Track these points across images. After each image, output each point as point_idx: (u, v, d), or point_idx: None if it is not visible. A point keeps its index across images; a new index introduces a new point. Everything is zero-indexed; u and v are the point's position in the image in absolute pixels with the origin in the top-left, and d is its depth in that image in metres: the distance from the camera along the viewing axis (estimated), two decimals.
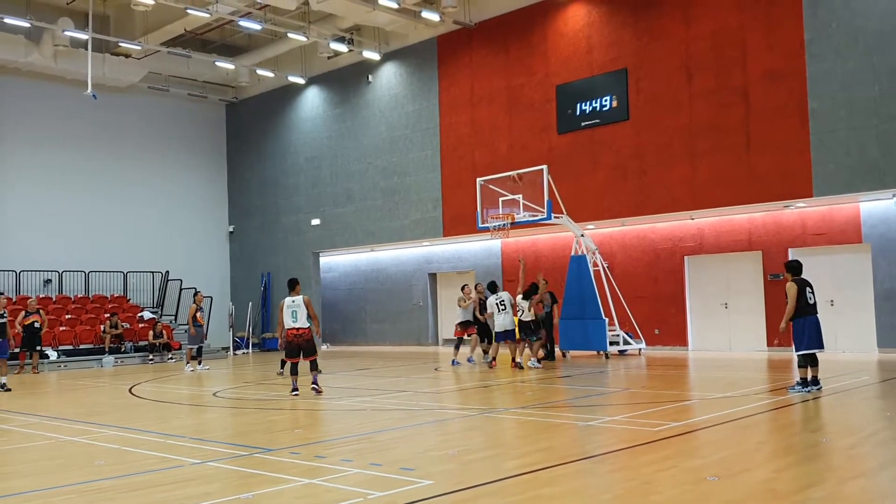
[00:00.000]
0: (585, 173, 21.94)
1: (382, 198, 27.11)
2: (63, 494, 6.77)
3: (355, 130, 28.14)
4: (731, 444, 8.16)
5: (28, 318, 20.93)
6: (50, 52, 25.58)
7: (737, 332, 20.60)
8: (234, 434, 10.37)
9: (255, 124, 31.64)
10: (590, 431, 9.32)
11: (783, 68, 18.69)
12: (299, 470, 7.37)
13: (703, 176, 19.90)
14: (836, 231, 19.19)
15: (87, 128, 28.50)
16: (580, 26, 22.27)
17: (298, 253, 29.96)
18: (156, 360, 24.56)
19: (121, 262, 28.73)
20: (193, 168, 31.67)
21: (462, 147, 24.87)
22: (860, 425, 9.30)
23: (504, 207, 19.93)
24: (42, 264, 26.94)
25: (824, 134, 18.07)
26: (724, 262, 20.94)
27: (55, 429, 10.74)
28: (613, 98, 21.55)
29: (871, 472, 6.81)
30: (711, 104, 19.82)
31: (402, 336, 28.50)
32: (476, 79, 24.59)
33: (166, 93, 30.21)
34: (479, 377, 16.27)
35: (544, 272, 20.71)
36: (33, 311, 21.12)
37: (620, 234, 22.73)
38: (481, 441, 9.00)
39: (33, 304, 21.64)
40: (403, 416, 11.00)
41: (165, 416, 12.30)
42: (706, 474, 6.65)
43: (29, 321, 20.87)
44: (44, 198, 27.38)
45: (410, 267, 28.50)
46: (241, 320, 30.16)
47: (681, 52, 20.39)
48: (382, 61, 27.09)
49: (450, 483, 6.62)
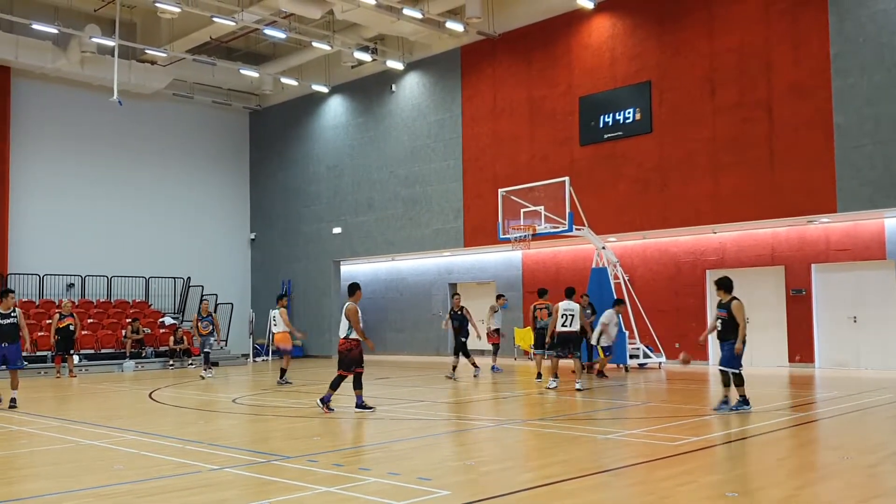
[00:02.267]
0: (607, 186, 21.87)
1: (403, 207, 27.17)
2: (81, 498, 6.82)
3: (377, 139, 28.24)
4: (751, 461, 8.08)
5: (63, 321, 21.16)
6: (77, 58, 25.89)
7: (758, 348, 20.39)
8: (252, 441, 10.40)
9: (279, 132, 31.84)
10: (608, 445, 9.26)
11: (808, 83, 18.55)
12: (317, 478, 7.37)
13: (726, 190, 19.78)
14: (861, 247, 18.99)
15: (112, 134, 28.80)
16: (604, 38, 22.25)
17: (319, 261, 30.06)
18: (176, 365, 24.71)
19: (143, 268, 28.96)
20: (216, 175, 31.90)
21: (484, 158, 24.88)
22: (882, 444, 9.18)
23: (525, 219, 19.91)
24: (65, 268, 27.21)
25: (849, 149, 17.91)
26: (747, 277, 20.76)
27: (75, 432, 10.82)
28: (636, 111, 21.49)
29: (892, 492, 6.72)
30: (735, 118, 19.71)
31: (421, 346, 28.50)
32: (499, 89, 24.61)
33: (191, 100, 30.49)
34: (497, 388, 16.21)
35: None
36: (67, 314, 21.32)
37: (642, 247, 22.62)
38: (498, 452, 8.97)
39: (67, 306, 21.83)
40: (421, 426, 10.99)
41: (184, 421, 12.36)
42: (725, 490, 6.58)
43: (64, 324, 21.10)
44: (68, 202, 27.68)
45: (430, 277, 28.52)
46: (262, 327, 30.24)
47: (705, 65, 20.31)
48: (406, 71, 27.20)
49: (466, 494, 6.60)
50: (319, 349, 29.69)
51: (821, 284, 19.63)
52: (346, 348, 12.30)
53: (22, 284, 26.15)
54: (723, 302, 11.82)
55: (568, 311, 14.98)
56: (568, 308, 15.07)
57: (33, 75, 26.65)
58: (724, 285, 11.98)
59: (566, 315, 15.02)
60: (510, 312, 25.64)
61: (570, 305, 15.11)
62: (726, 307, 11.70)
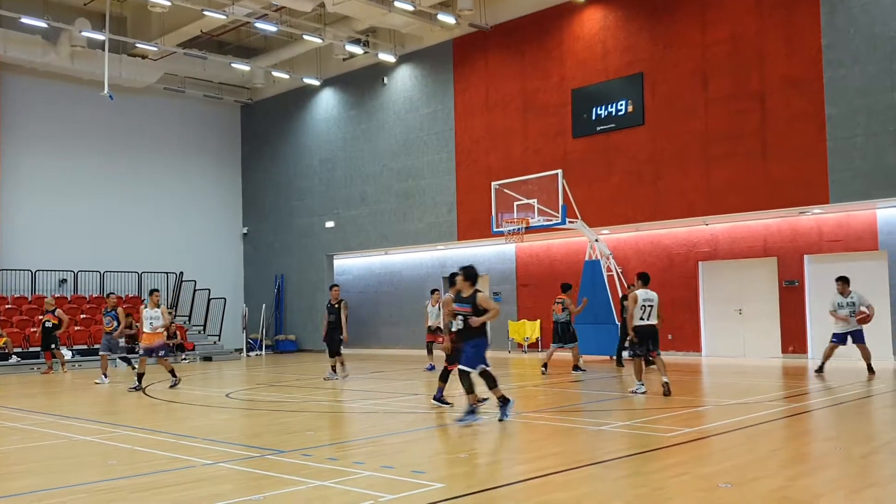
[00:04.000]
0: (600, 178, 21.88)
1: (397, 201, 27.13)
2: (75, 493, 6.80)
3: (370, 133, 28.19)
4: (744, 452, 8.10)
5: (44, 317, 21.05)
6: (67, 52, 25.76)
7: (751, 339, 20.48)
8: (246, 435, 10.39)
9: (270, 126, 31.75)
10: (601, 436, 9.28)
11: (800, 74, 18.58)
12: (311, 472, 7.36)
13: (719, 182, 19.81)
14: (853, 238, 19.05)
15: (103, 128, 28.68)
16: (596, 30, 22.23)
17: (312, 255, 30.03)
18: (169, 360, 24.60)
19: (135, 263, 28.88)
20: (208, 169, 31.81)
21: (477, 150, 24.86)
22: (875, 434, 9.22)
23: (519, 212, 19.91)
24: (57, 264, 27.12)
25: (841, 140, 17.95)
26: (739, 268, 20.82)
27: (68, 428, 10.79)
28: (629, 103, 21.49)
29: (885, 482, 6.74)
30: (727, 110, 19.72)
31: (415, 340, 28.46)
32: (491, 82, 24.58)
33: (182, 94, 30.38)
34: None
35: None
36: (50, 311, 21.22)
37: (634, 239, 22.65)
38: (492, 445, 8.98)
39: (50, 303, 21.74)
40: (415, 419, 10.99)
41: (178, 416, 12.34)
42: (719, 481, 6.60)
43: (43, 320, 20.98)
44: (59, 197, 27.57)
45: (424, 270, 28.50)
46: (255, 322, 30.24)
47: (697, 57, 20.31)
48: (398, 64, 27.14)
49: (461, 486, 6.61)
50: (313, 344, 29.67)
51: (813, 275, 19.69)
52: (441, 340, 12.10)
53: (13, 280, 26.08)
54: (464, 296, 10.10)
55: (647, 302, 12.78)
56: (647, 298, 12.82)
57: (23, 70, 26.50)
58: (469, 276, 10.16)
59: (645, 306, 12.74)
60: (503, 306, 25.67)
61: (649, 294, 12.87)
62: (470, 301, 10.04)
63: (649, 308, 12.76)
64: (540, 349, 24.40)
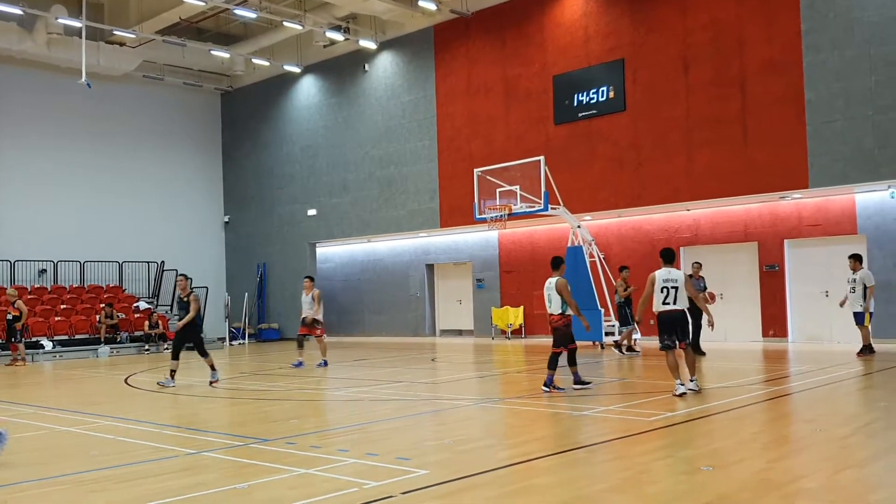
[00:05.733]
0: (582, 164, 21.91)
1: (379, 188, 27.06)
2: (58, 485, 6.76)
3: (351, 120, 28.06)
4: (726, 435, 8.17)
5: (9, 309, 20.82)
6: (43, 39, 25.43)
7: (732, 323, 20.61)
8: (229, 424, 10.37)
9: (251, 113, 31.53)
10: (585, 421, 9.33)
11: (780, 59, 18.66)
12: (295, 460, 7.36)
13: (700, 167, 19.89)
14: (832, 222, 19.20)
15: (82, 116, 28.38)
16: (577, 16, 22.20)
17: (295, 243, 29.92)
18: (151, 350, 24.56)
19: (116, 252, 28.68)
20: (188, 157, 31.57)
21: (459, 137, 24.81)
22: (854, 416, 9.33)
23: (501, 198, 19.91)
24: (37, 254, 26.87)
25: (820, 125, 18.06)
26: (720, 253, 20.94)
27: (50, 419, 10.72)
28: (610, 89, 21.51)
29: (864, 462, 6.83)
30: (708, 95, 19.79)
31: (399, 327, 28.50)
32: (473, 68, 24.52)
33: (161, 81, 30.09)
34: (475, 368, 16.26)
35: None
36: (11, 302, 20.90)
37: (617, 225, 22.73)
38: (477, 431, 9.01)
39: (12, 294, 21.40)
40: (399, 407, 11.01)
41: (160, 406, 12.29)
42: (700, 464, 6.66)
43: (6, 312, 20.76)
44: (38, 187, 27.29)
45: (407, 258, 28.48)
46: (237, 311, 30.13)
47: (678, 42, 20.34)
48: (379, 50, 27.01)
49: (445, 472, 6.63)
50: (295, 332, 29.49)
51: (793, 260, 19.86)
52: (562, 324, 11.61)
53: None
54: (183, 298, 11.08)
55: (669, 283, 10.75)
56: (669, 278, 10.79)
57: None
58: None
59: (667, 288, 10.75)
60: (486, 293, 25.73)
61: (672, 274, 10.84)
62: None
63: (673, 290, 10.70)
64: (524, 335, 24.49)
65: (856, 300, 15.61)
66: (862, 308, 15.49)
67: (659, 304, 10.77)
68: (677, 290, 10.70)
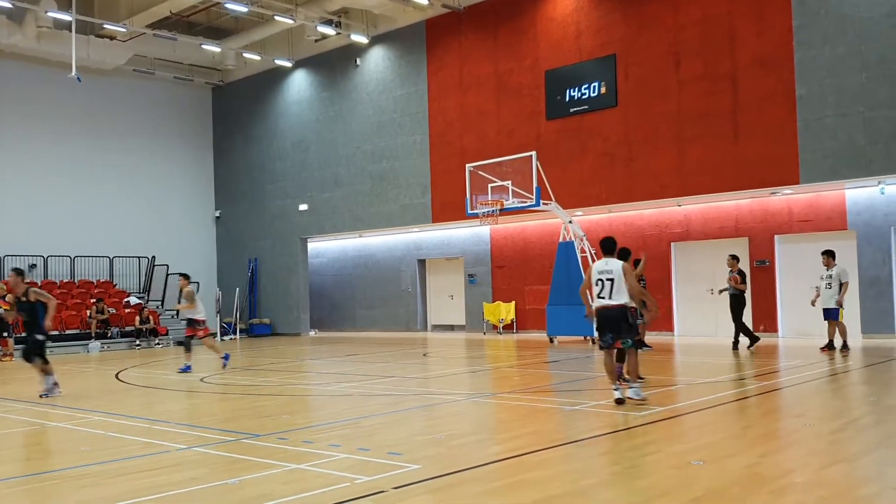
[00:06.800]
0: (573, 160, 21.93)
1: (371, 183, 27.03)
2: (49, 480, 6.75)
3: (343, 114, 28.01)
4: (716, 430, 8.21)
5: None
6: (33, 33, 25.25)
7: (722, 318, 20.66)
8: (220, 420, 10.36)
9: (242, 108, 31.44)
10: (575, 416, 9.35)
11: (771, 55, 18.70)
12: (286, 455, 7.37)
13: (691, 163, 19.94)
14: (822, 218, 19.28)
15: (72, 111, 28.24)
16: (569, 11, 22.20)
17: (286, 238, 29.86)
18: (142, 345, 24.50)
19: (106, 247, 28.57)
20: (179, 152, 31.45)
21: (451, 132, 24.80)
22: (843, 411, 9.38)
23: (493, 194, 19.92)
24: (27, 249, 26.74)
25: (811, 121, 18.12)
26: (711, 249, 21.01)
27: (40, 414, 10.69)
28: (602, 84, 21.53)
29: (853, 457, 6.87)
30: (700, 91, 19.83)
31: (390, 322, 28.50)
32: (465, 63, 24.50)
33: (152, 76, 29.97)
34: (466, 363, 16.28)
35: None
36: (1, 297, 20.79)
37: (608, 220, 22.76)
38: (468, 426, 9.03)
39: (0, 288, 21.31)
40: (391, 402, 11.02)
41: (152, 401, 12.27)
42: (691, 459, 6.69)
43: None
44: (28, 181, 27.14)
45: (399, 253, 28.48)
46: (229, 306, 30.07)
47: (669, 38, 20.37)
48: (370, 45, 26.95)
49: (437, 467, 6.64)
50: (287, 327, 29.60)
51: (784, 255, 19.94)
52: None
53: None
54: None
55: (604, 275, 9.78)
56: (603, 270, 9.84)
57: None
58: None
59: (601, 280, 9.80)
60: (478, 288, 25.76)
61: (608, 265, 9.85)
62: None
63: (608, 283, 9.70)
64: (515, 330, 24.52)
65: (830, 296, 15.52)
66: (836, 304, 15.47)
67: (595, 297, 9.90)
68: (613, 283, 9.64)
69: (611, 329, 9.73)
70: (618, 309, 9.67)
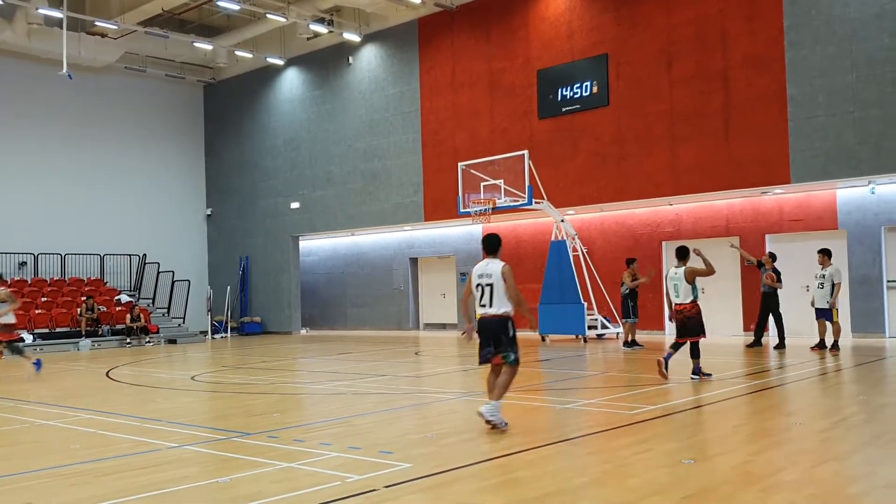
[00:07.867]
0: (566, 159, 21.96)
1: (363, 181, 27.00)
2: (39, 478, 6.72)
3: (335, 113, 27.97)
4: (707, 428, 8.23)
5: None
6: (23, 29, 25.15)
7: (713, 317, 20.68)
8: (211, 418, 10.34)
9: (234, 106, 31.36)
10: (567, 414, 9.37)
11: (763, 55, 18.76)
12: (277, 454, 7.35)
13: (683, 162, 19.98)
14: (813, 217, 19.36)
15: (63, 108, 28.12)
16: (561, 10, 22.22)
17: (277, 236, 29.81)
18: (133, 343, 24.43)
19: (97, 245, 28.46)
20: (171, 150, 31.36)
21: (443, 131, 24.79)
22: (833, 409, 9.42)
23: (485, 192, 19.92)
24: (17, 247, 26.62)
25: (802, 121, 18.19)
26: (702, 248, 20.92)
27: (31, 413, 10.65)
28: (594, 84, 21.56)
29: (843, 456, 6.90)
30: (691, 90, 19.87)
31: (382, 320, 28.49)
32: (457, 62, 24.49)
33: (143, 73, 29.87)
34: (458, 362, 16.28)
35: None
36: None
37: (600, 219, 22.80)
38: (460, 424, 9.02)
39: None
40: (382, 400, 11.01)
41: (142, 399, 12.23)
42: (682, 457, 6.71)
43: None
44: (18, 178, 27.01)
45: (391, 251, 28.46)
46: (220, 304, 30.01)
47: (661, 38, 20.41)
48: (363, 43, 26.92)
49: (428, 466, 6.64)
50: (279, 325, 29.55)
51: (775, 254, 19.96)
52: (695, 312, 11.76)
53: None
54: None
55: (483, 279, 8.54)
56: (483, 273, 8.60)
57: None
58: None
59: (481, 286, 8.55)
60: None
61: (487, 268, 8.60)
62: None
63: (487, 289, 8.45)
64: None
65: (822, 296, 15.51)
66: (828, 304, 15.48)
67: (478, 306, 8.57)
68: (492, 289, 8.37)
69: (490, 342, 8.49)
70: (498, 319, 8.39)
